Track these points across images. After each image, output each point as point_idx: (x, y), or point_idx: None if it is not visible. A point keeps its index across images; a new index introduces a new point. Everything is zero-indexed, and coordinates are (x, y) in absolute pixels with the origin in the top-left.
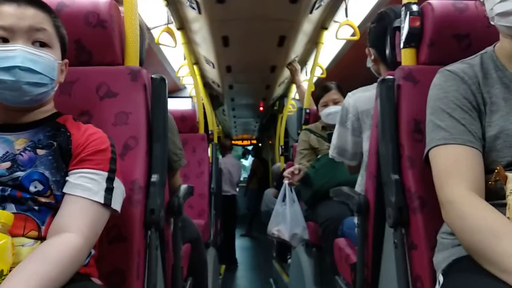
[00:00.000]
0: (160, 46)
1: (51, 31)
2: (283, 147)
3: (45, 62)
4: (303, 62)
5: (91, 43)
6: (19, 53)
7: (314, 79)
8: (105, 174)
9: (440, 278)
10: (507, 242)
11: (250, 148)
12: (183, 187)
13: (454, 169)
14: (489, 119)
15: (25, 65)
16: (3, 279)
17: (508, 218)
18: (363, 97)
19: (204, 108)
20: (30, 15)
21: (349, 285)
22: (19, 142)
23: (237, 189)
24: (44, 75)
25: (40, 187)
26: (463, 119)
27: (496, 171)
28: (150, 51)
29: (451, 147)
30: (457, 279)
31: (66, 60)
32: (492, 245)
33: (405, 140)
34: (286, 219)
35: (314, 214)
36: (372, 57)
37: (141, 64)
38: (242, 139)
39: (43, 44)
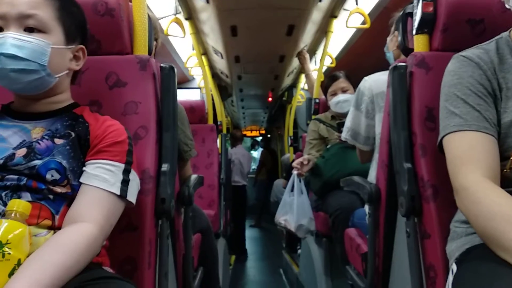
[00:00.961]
0: (169, 37)
1: (47, 16)
2: (292, 137)
3: (32, 47)
4: (312, 51)
5: (100, 32)
6: (5, 40)
7: (324, 68)
8: (122, 166)
9: (454, 267)
10: None
11: (259, 139)
12: (193, 177)
13: (469, 155)
14: (505, 105)
15: (9, 52)
16: None
17: None
18: (380, 80)
19: (212, 99)
20: (22, 1)
21: (360, 274)
22: (36, 131)
23: (247, 180)
24: (30, 61)
25: (57, 176)
26: (478, 105)
27: (511, 158)
28: (160, 46)
29: (465, 133)
30: (470, 267)
31: (78, 46)
32: (506, 231)
33: (417, 128)
34: (293, 209)
35: (324, 204)
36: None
37: (149, 54)
38: (251, 130)
39: (34, 30)
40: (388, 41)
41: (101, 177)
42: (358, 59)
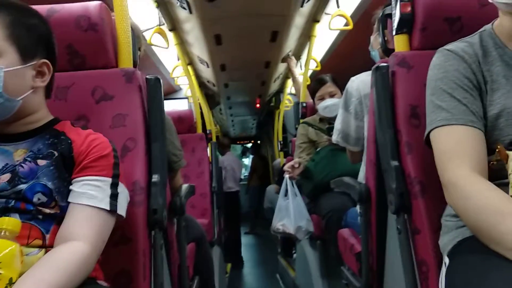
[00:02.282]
0: (154, 48)
1: None
2: (281, 142)
3: None
4: (297, 56)
5: (84, 47)
6: None
7: (309, 72)
8: (109, 180)
9: (446, 260)
10: (511, 220)
11: (249, 146)
12: (184, 186)
13: (456, 150)
14: (490, 97)
15: None
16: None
17: (511, 196)
18: (367, 80)
19: (201, 108)
20: None
21: (355, 274)
22: (18, 153)
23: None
24: None
25: (44, 199)
26: (464, 99)
27: (497, 150)
28: (144, 54)
29: (452, 128)
30: (463, 259)
31: (40, 61)
32: (496, 224)
33: (402, 126)
34: (290, 213)
35: (316, 207)
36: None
37: (135, 66)
38: (241, 139)
39: None
40: (372, 39)
41: (89, 194)
42: (343, 61)
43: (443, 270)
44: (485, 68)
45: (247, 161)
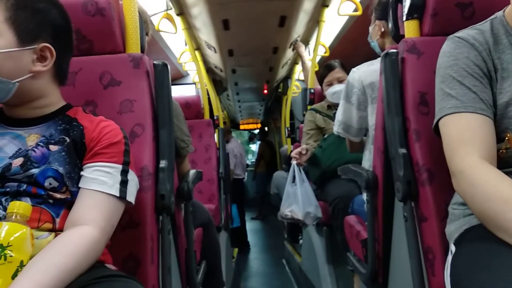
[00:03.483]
0: (161, 33)
1: None
2: (289, 129)
3: None
4: (305, 41)
5: (91, 32)
6: None
7: (318, 58)
8: (120, 167)
9: (452, 248)
10: None
11: (256, 132)
12: (192, 172)
13: (466, 137)
14: (500, 85)
15: None
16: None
17: None
18: (368, 71)
19: (208, 94)
20: None
21: (361, 261)
22: (31, 138)
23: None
24: None
25: (55, 184)
26: (474, 87)
27: (506, 138)
28: (151, 39)
29: (462, 115)
30: (469, 247)
31: (41, 45)
32: (503, 212)
33: (411, 113)
34: (298, 199)
35: (323, 194)
36: (383, 30)
37: (142, 51)
38: (248, 123)
39: None
40: (370, 30)
41: (100, 180)
42: (352, 47)
43: (449, 257)
44: (495, 56)
45: (254, 147)
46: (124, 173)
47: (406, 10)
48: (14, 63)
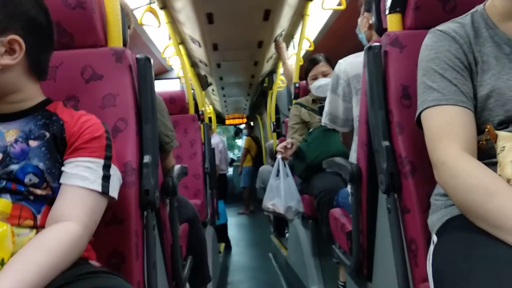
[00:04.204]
0: (144, 27)
1: None
2: (274, 123)
3: None
4: (290, 35)
5: (72, 26)
6: None
7: (302, 52)
8: (101, 161)
9: (434, 238)
10: (498, 199)
11: (242, 127)
12: (177, 167)
13: (447, 129)
14: (481, 78)
15: None
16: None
17: (500, 175)
18: (354, 62)
19: (193, 88)
20: None
21: (346, 253)
22: (10, 133)
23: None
24: None
25: (35, 180)
26: (455, 79)
27: (486, 130)
28: (134, 33)
29: (443, 108)
30: (450, 237)
31: (8, 38)
32: (484, 202)
33: (393, 106)
34: (281, 193)
35: (308, 187)
36: (370, 22)
37: (124, 45)
38: (234, 118)
39: None
40: (359, 22)
41: (81, 175)
42: (336, 41)
43: (431, 248)
44: (476, 49)
45: (240, 142)
46: (106, 168)
47: (388, 3)
48: None
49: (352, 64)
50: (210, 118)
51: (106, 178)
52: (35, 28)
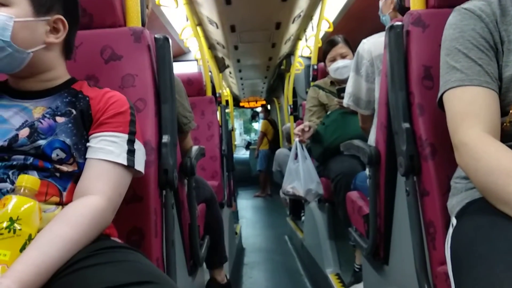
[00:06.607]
0: (162, 9)
1: None
2: (291, 106)
3: None
4: (308, 16)
5: (91, 6)
6: None
7: (321, 34)
8: (126, 136)
9: (454, 221)
10: None
11: (258, 110)
12: (195, 148)
13: (470, 111)
14: (507, 58)
15: None
16: None
17: None
18: (378, 42)
19: (210, 71)
20: None
21: (363, 236)
22: (37, 110)
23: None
24: None
25: (62, 155)
26: (479, 60)
27: (511, 111)
28: (152, 14)
29: (467, 88)
30: (470, 220)
31: (55, 17)
32: (505, 185)
33: (415, 87)
34: (300, 175)
35: (325, 170)
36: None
37: (143, 25)
38: (249, 101)
39: None
40: (381, 4)
41: (106, 150)
42: (356, 23)
43: (450, 231)
44: (502, 28)
45: (257, 125)
46: (131, 142)
47: None
48: (29, 33)
49: (376, 43)
50: (227, 101)
51: (131, 153)
52: (71, 8)
